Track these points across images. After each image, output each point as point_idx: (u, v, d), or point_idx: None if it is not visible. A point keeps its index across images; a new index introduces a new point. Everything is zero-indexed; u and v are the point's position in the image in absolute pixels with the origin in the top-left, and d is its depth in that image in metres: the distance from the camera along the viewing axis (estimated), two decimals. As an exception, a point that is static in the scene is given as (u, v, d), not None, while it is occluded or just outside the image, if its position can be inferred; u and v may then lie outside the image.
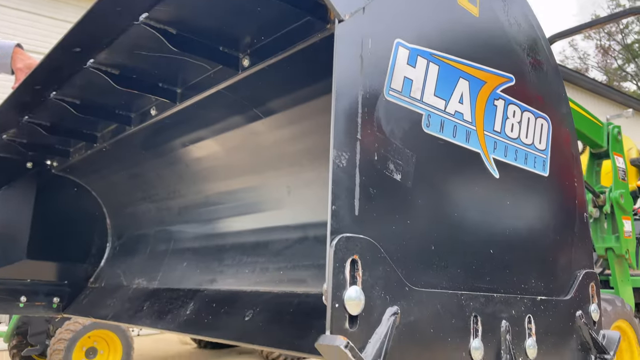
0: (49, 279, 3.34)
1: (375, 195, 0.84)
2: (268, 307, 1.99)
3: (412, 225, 0.89)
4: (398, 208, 0.87)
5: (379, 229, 0.82)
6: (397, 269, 0.83)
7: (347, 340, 0.69)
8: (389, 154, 0.87)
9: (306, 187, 2.16)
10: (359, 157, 0.82)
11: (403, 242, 0.86)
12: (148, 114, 2.36)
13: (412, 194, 0.90)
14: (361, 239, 0.78)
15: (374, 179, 0.84)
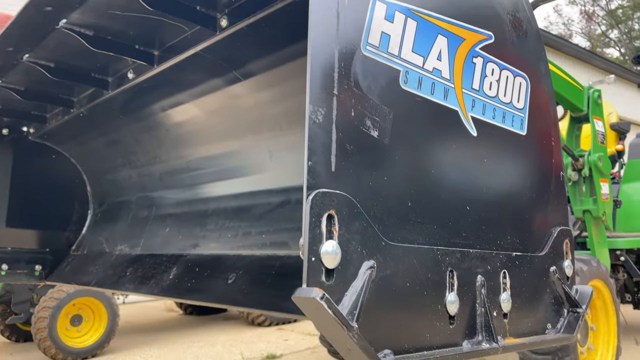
0: (30, 246, 3.31)
1: (352, 151, 0.83)
2: (250, 269, 2.00)
3: (389, 182, 0.89)
4: (375, 164, 0.87)
5: (356, 185, 0.83)
6: (374, 225, 0.83)
7: (323, 292, 0.70)
8: (366, 110, 0.86)
9: (288, 150, 2.15)
10: (335, 113, 0.81)
11: (380, 198, 0.86)
12: (125, 77, 2.31)
13: (389, 151, 0.90)
14: (337, 194, 0.79)
15: (351, 135, 0.84)
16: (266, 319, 6.73)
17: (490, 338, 0.98)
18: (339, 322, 0.71)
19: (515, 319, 1.09)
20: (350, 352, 0.75)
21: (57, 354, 4.80)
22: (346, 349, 0.75)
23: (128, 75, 2.27)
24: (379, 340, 0.79)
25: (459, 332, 0.95)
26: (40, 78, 2.34)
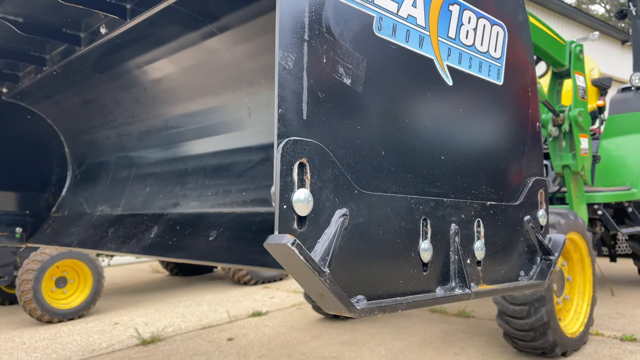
0: (9, 209, 3.28)
1: (324, 99, 0.82)
2: (231, 226, 2.01)
3: (362, 131, 0.89)
4: (348, 113, 0.86)
5: (328, 134, 0.82)
6: (347, 173, 0.83)
7: (294, 238, 0.70)
8: (339, 57, 0.85)
9: (266, 107, 2.12)
10: (306, 59, 0.79)
11: (353, 147, 0.86)
12: (98, 32, 2.24)
13: (363, 99, 0.89)
14: (309, 142, 0.78)
15: (323, 82, 0.82)
16: (252, 278, 6.81)
17: (463, 284, 1.00)
18: (310, 267, 0.71)
19: (489, 266, 1.11)
20: (323, 297, 0.76)
21: (42, 316, 4.82)
22: (319, 295, 0.76)
23: (100, 30, 2.20)
24: (352, 287, 0.80)
25: (432, 279, 0.97)
26: (9, 34, 2.26)
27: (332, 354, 3.64)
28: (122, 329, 4.58)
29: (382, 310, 0.83)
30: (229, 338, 4.13)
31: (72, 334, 4.44)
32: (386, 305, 0.83)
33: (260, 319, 4.78)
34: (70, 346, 4.06)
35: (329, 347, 3.79)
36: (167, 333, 4.34)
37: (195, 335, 4.25)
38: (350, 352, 3.66)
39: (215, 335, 4.23)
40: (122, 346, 3.99)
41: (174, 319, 4.92)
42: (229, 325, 4.60)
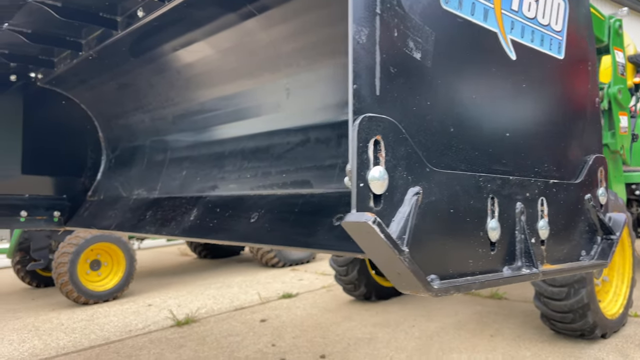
0: (47, 193, 3.35)
1: (396, 74, 0.80)
2: (272, 208, 2.01)
3: (432, 107, 0.87)
4: (418, 88, 0.84)
5: (400, 110, 0.80)
6: (419, 150, 0.81)
7: (374, 216, 0.69)
8: (409, 30, 0.82)
9: (306, 88, 2.10)
10: (378, 33, 0.77)
11: (424, 124, 0.84)
12: (135, 16, 2.23)
13: (432, 74, 0.87)
14: (383, 119, 0.76)
15: (394, 57, 0.80)
16: (279, 260, 6.87)
17: (530, 264, 0.98)
18: (391, 245, 0.70)
19: (552, 246, 1.08)
20: (400, 276, 0.75)
21: (79, 297, 4.95)
22: (395, 274, 0.75)
23: (138, 13, 2.19)
24: (426, 266, 0.79)
25: (499, 258, 0.95)
26: (47, 19, 2.26)
27: (366, 335, 3.66)
28: (156, 310, 4.67)
29: (457, 289, 0.82)
30: (261, 319, 4.18)
31: (108, 315, 4.55)
32: (460, 285, 0.82)
33: (291, 301, 4.83)
34: (107, 327, 4.16)
35: (362, 329, 3.81)
36: (201, 314, 4.42)
37: (228, 317, 4.32)
38: (384, 334, 3.68)
39: (247, 317, 4.28)
40: (158, 327, 4.08)
41: (206, 300, 5.00)
42: (260, 306, 4.66)
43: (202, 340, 3.68)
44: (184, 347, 3.54)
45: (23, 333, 4.08)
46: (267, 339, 3.64)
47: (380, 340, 3.55)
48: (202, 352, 3.40)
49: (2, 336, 4.01)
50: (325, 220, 1.75)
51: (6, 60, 2.87)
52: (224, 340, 3.66)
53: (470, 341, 3.42)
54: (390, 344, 3.44)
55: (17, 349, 3.66)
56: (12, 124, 3.19)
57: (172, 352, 3.44)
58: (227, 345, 3.53)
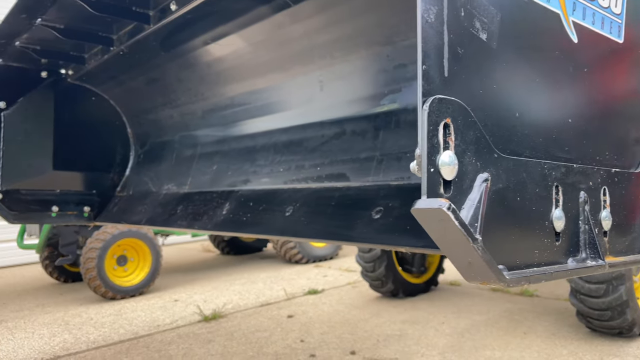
0: (77, 189, 3.38)
1: (463, 55, 0.77)
2: (308, 202, 1.98)
3: (498, 90, 0.83)
4: (484, 71, 0.81)
5: (468, 92, 0.76)
6: (486, 135, 0.78)
7: (449, 202, 0.66)
8: (475, 10, 0.79)
9: (340, 80, 2.07)
10: (446, 12, 0.74)
11: (490, 108, 0.80)
12: (168, 9, 2.22)
13: (497, 56, 0.83)
14: (453, 101, 0.73)
15: (461, 37, 0.76)
16: (303, 256, 6.86)
17: (595, 255, 0.94)
18: (464, 233, 0.67)
19: (614, 237, 1.04)
20: (471, 266, 0.71)
21: (106, 292, 5.00)
22: (466, 263, 0.72)
23: (171, 6, 2.18)
24: (495, 255, 0.75)
25: (564, 249, 0.91)
26: (80, 14, 2.27)
27: (395, 332, 3.62)
28: (183, 305, 4.70)
29: (527, 280, 0.78)
30: (288, 315, 4.17)
31: (135, 310, 4.59)
32: (531, 276, 0.78)
33: (317, 297, 4.81)
34: (135, 321, 4.20)
35: (390, 326, 3.78)
36: (227, 310, 4.43)
37: (255, 312, 4.32)
38: (414, 331, 3.63)
39: (274, 312, 4.28)
40: (186, 322, 4.10)
41: (232, 296, 5.02)
42: (286, 302, 4.65)
43: (230, 335, 3.69)
44: (213, 342, 3.55)
45: (53, 327, 4.14)
46: (295, 335, 3.62)
47: (410, 337, 3.51)
48: (230, 347, 3.40)
49: (33, 330, 4.07)
50: (364, 213, 1.72)
51: (38, 56, 2.90)
52: (252, 335, 3.66)
53: (502, 339, 3.36)
54: (420, 340, 3.40)
55: (48, 343, 3.71)
56: (43, 120, 3.23)
57: (201, 347, 3.45)
58: (255, 341, 3.53)
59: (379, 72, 1.91)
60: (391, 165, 1.80)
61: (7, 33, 2.50)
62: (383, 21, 1.81)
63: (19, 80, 3.04)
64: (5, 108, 3.03)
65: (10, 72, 2.96)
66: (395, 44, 1.81)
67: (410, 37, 1.75)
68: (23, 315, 4.57)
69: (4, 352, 3.52)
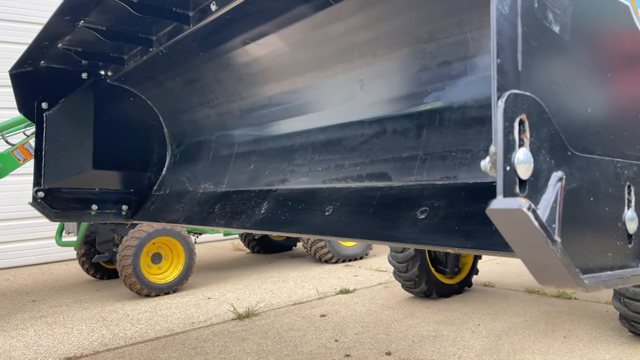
0: (115, 187, 3.45)
1: (536, 48, 0.74)
2: (348, 201, 1.96)
3: (570, 85, 0.80)
4: (557, 64, 0.78)
5: (542, 87, 0.73)
6: (560, 132, 0.75)
7: (529, 202, 0.63)
8: (548, 1, 0.76)
9: (382, 78, 2.04)
10: (520, 3, 0.71)
11: (563, 103, 0.77)
12: (208, 9, 2.23)
13: (569, 49, 0.80)
14: (527, 96, 0.70)
15: (535, 29, 0.74)
16: (333, 255, 6.85)
17: (668, 259, 0.90)
18: (544, 234, 0.64)
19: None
20: (546, 269, 0.68)
21: (141, 289, 5.09)
22: (542, 266, 0.68)
23: (211, 6, 2.20)
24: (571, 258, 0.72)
25: (636, 252, 0.87)
26: (121, 15, 2.30)
27: (430, 333, 3.58)
28: (216, 303, 4.74)
29: (605, 285, 0.74)
30: (321, 314, 4.16)
31: (170, 307, 4.65)
32: (608, 280, 0.75)
33: (348, 297, 4.79)
34: (170, 318, 4.25)
35: (425, 327, 3.73)
36: (260, 308, 4.44)
37: (288, 311, 4.32)
38: (449, 332, 3.58)
39: (307, 312, 4.27)
40: (220, 320, 4.13)
41: (264, 294, 5.03)
42: (318, 301, 4.64)
43: (264, 334, 3.70)
44: (247, 340, 3.56)
45: (91, 323, 4.22)
46: (329, 334, 3.61)
47: (446, 338, 3.46)
48: (265, 346, 3.41)
49: (72, 325, 4.16)
50: (408, 213, 1.70)
51: (79, 57, 2.96)
52: (286, 334, 3.67)
53: (541, 342, 3.28)
54: (456, 342, 3.35)
55: (87, 338, 3.79)
56: (84, 120, 3.30)
57: (236, 345, 3.47)
58: (289, 340, 3.53)
59: (422, 70, 1.88)
60: (435, 164, 1.77)
61: (50, 35, 2.56)
62: (426, 18, 1.77)
63: (60, 82, 3.12)
64: (48, 109, 3.10)
65: (52, 74, 3.03)
66: (438, 40, 1.77)
67: (454, 34, 1.71)
68: (62, 311, 4.68)
69: (45, 347, 3.61)
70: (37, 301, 5.17)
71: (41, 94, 3.23)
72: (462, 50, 1.70)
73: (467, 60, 1.70)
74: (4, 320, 4.41)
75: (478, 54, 1.67)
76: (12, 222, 7.42)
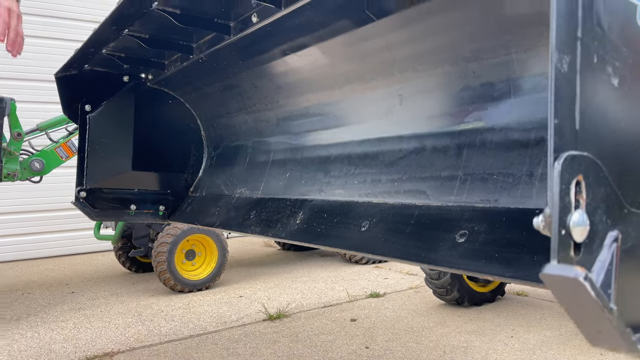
0: (153, 188, 3.52)
1: (595, 103, 0.72)
2: (385, 218, 1.96)
3: (627, 137, 0.77)
4: (615, 119, 0.75)
5: (599, 144, 0.72)
6: (617, 189, 0.73)
7: (585, 271, 0.62)
8: (607, 54, 0.73)
9: (421, 94, 2.02)
10: (579, 59, 0.69)
11: (620, 159, 0.75)
12: (249, 21, 2.25)
13: (627, 101, 0.77)
14: (584, 157, 0.68)
15: (594, 84, 0.72)
16: (363, 257, 6.84)
17: None
18: (601, 304, 0.63)
19: None
20: (600, 334, 0.67)
21: (175, 285, 5.20)
22: (595, 331, 0.67)
23: (252, 18, 2.21)
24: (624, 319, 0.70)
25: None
26: (165, 25, 2.34)
27: (462, 343, 3.54)
28: (247, 302, 4.80)
29: (659, 347, 0.73)
30: (352, 319, 4.17)
31: (202, 305, 4.74)
32: (662, 342, 0.73)
33: (379, 301, 4.78)
34: (203, 316, 4.33)
35: (456, 336, 3.69)
36: (291, 309, 4.48)
37: (318, 314, 4.35)
38: (481, 343, 3.54)
39: (337, 315, 4.29)
40: (251, 320, 4.18)
41: (294, 295, 5.07)
42: (348, 305, 4.65)
43: (295, 336, 3.73)
44: (278, 342, 3.60)
45: (127, 317, 4.34)
46: (359, 341, 3.62)
47: (478, 350, 3.42)
48: (296, 350, 3.45)
49: (109, 320, 4.29)
50: (447, 235, 1.68)
51: (121, 62, 3.04)
52: (317, 338, 3.69)
53: (577, 358, 3.21)
54: (488, 355, 3.31)
55: (124, 334, 3.90)
56: (124, 122, 3.38)
57: (267, 347, 3.51)
58: (320, 344, 3.55)
59: (464, 89, 1.85)
60: (476, 186, 1.74)
61: (96, 42, 2.62)
62: (470, 37, 1.74)
63: (103, 84, 3.20)
64: (91, 111, 3.19)
65: (95, 77, 3.12)
66: (482, 60, 1.75)
67: (499, 54, 1.68)
68: (99, 304, 4.83)
69: (84, 341, 3.73)
70: (76, 293, 5.35)
71: (84, 96, 3.33)
72: (506, 71, 1.67)
73: (511, 81, 1.67)
74: (45, 312, 4.58)
75: (523, 76, 1.63)
76: (57, 213, 7.69)
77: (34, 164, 4.51)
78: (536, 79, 1.60)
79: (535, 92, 1.60)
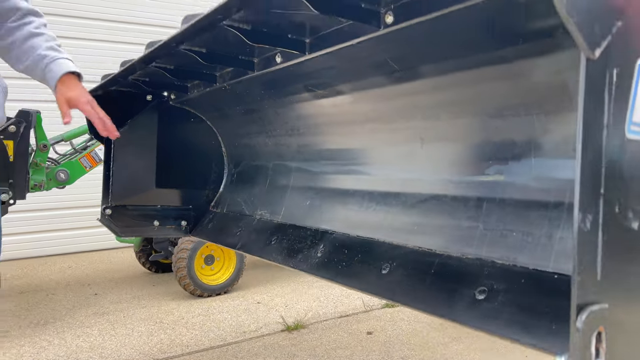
0: (176, 204, 3.61)
1: (616, 252, 0.76)
2: (405, 263, 2.01)
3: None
4: (634, 263, 0.80)
5: (619, 293, 0.76)
6: (636, 337, 0.77)
7: None
8: (629, 202, 0.77)
9: (442, 140, 2.05)
10: (601, 215, 0.73)
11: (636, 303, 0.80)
12: (273, 60, 2.30)
13: (645, 243, 0.82)
14: (606, 309, 0.73)
15: (615, 235, 0.76)
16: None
17: None
18: None
19: None
20: None
21: (195, 290, 5.32)
22: None
23: (276, 59, 2.26)
24: None
25: None
26: (190, 61, 2.40)
27: (477, 363, 3.60)
28: (265, 309, 4.90)
29: None
30: (368, 331, 4.25)
31: (222, 312, 4.85)
32: None
33: (394, 311, 4.85)
34: (222, 325, 4.44)
35: (471, 354, 3.76)
36: (308, 319, 4.57)
37: (334, 325, 4.43)
38: (496, 364, 3.60)
39: (354, 327, 4.37)
40: (270, 330, 4.28)
41: (311, 302, 5.16)
42: (364, 315, 4.73)
43: (313, 350, 3.82)
44: (296, 356, 3.69)
45: (149, 325, 4.47)
46: (376, 356, 3.70)
47: (492, 370, 3.48)
48: (313, 365, 3.54)
49: (132, 327, 4.42)
50: (466, 291, 1.72)
51: (146, 87, 3.11)
52: (334, 352, 3.78)
53: (591, 382, 3.25)
54: (503, 376, 3.36)
55: (147, 343, 4.02)
56: (148, 141, 3.46)
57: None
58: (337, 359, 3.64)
59: (485, 142, 1.88)
60: (496, 241, 1.78)
61: (125, 74, 2.70)
62: (493, 93, 1.77)
63: (127, 103, 3.28)
64: (117, 130, 3.28)
65: (120, 96, 3.20)
66: (505, 117, 1.78)
67: (521, 114, 1.71)
68: (122, 308, 4.96)
69: (109, 350, 3.86)
70: (98, 294, 5.50)
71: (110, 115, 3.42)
72: (527, 131, 1.70)
73: (532, 141, 1.70)
74: (70, 316, 4.73)
75: (544, 138, 1.66)
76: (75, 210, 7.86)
77: (60, 174, 4.63)
78: (557, 141, 1.63)
79: (556, 154, 1.63)
